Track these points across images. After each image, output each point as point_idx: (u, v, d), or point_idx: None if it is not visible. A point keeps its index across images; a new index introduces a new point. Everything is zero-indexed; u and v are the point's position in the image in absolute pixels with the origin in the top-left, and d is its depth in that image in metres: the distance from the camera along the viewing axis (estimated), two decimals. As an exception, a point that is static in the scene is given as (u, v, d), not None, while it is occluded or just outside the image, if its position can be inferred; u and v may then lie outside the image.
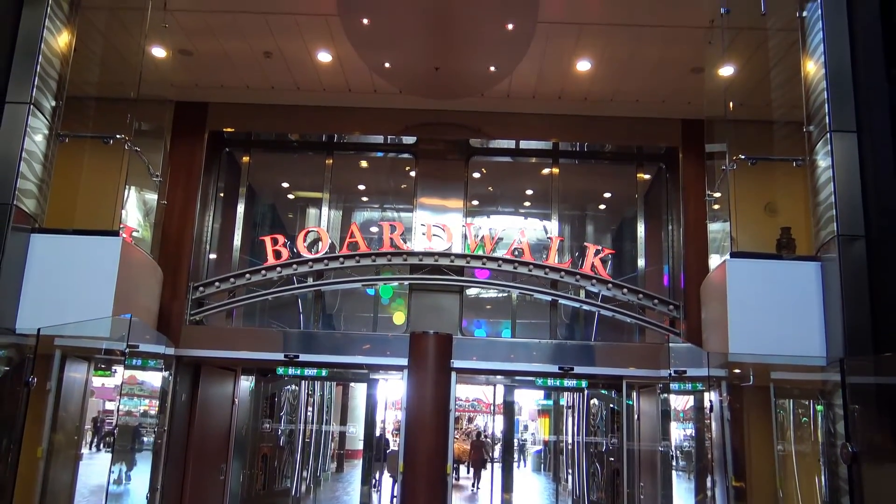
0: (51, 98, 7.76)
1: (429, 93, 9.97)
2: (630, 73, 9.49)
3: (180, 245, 10.26)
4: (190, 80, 10.21)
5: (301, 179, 12.24)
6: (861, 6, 7.23)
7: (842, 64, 7.23)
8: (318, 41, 9.09)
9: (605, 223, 12.41)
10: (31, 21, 7.62)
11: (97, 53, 9.04)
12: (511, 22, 8.25)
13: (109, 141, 8.13)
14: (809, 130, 7.57)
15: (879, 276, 6.66)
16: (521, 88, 10.03)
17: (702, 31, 8.47)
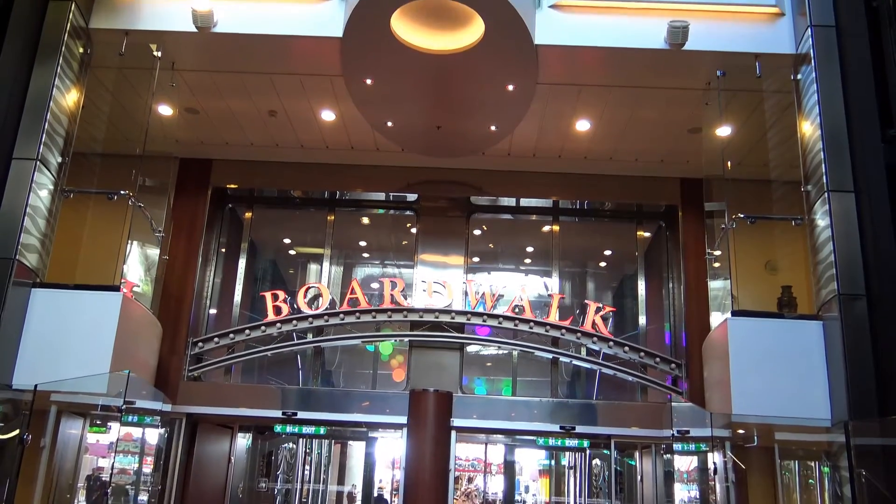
0: (57, 154, 7.87)
1: (430, 151, 10.09)
2: (629, 133, 9.63)
3: (181, 300, 10.25)
4: (195, 138, 10.35)
5: (303, 235, 12.29)
6: (853, 69, 7.39)
7: (837, 125, 7.35)
8: (322, 101, 9.25)
9: (605, 280, 12.40)
10: (41, 80, 7.79)
11: (104, 111, 9.20)
12: (511, 83, 8.41)
13: (114, 197, 8.21)
14: (807, 190, 7.65)
15: (882, 336, 6.64)
16: (522, 147, 10.16)
17: (699, 93, 8.62)
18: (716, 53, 8.05)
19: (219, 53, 8.49)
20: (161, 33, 8.23)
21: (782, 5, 8.12)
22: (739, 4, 8.10)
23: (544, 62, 8.21)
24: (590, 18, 8.11)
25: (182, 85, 8.98)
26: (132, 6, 8.34)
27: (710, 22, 8.05)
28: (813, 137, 7.51)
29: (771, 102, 8.55)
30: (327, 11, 8.14)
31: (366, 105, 9.00)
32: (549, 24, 8.07)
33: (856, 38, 7.45)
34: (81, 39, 8.22)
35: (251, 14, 8.17)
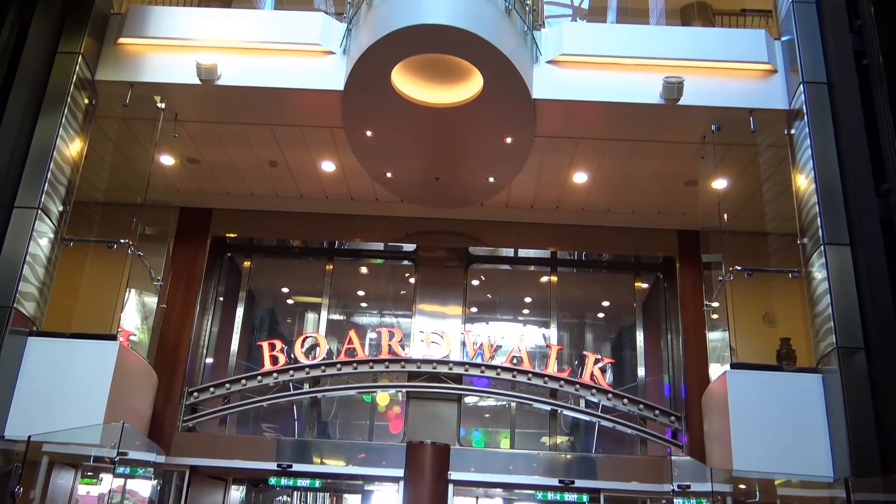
0: (59, 203, 7.92)
1: (429, 202, 10.17)
2: (626, 185, 9.72)
3: (177, 349, 10.19)
4: (196, 187, 10.43)
5: (301, 285, 12.29)
6: (846, 125, 7.50)
7: (831, 179, 7.43)
8: (323, 152, 9.36)
9: (604, 332, 12.37)
10: (46, 130, 7.89)
11: (107, 160, 9.29)
12: (510, 136, 8.52)
13: (113, 246, 8.24)
14: (803, 243, 7.70)
15: (882, 390, 6.60)
16: (520, 199, 10.25)
17: (695, 147, 8.74)
18: (710, 108, 8.20)
19: (221, 105, 8.62)
20: (165, 85, 8.38)
21: (775, 62, 8.29)
22: (733, 61, 8.28)
23: (542, 116, 8.34)
24: (586, 74, 8.27)
25: (184, 135, 9.10)
26: (137, 59, 8.50)
27: (705, 78, 8.21)
28: (808, 191, 7.59)
29: (766, 156, 8.66)
30: (329, 65, 8.30)
31: (366, 156, 9.11)
32: (547, 79, 8.23)
33: (847, 94, 7.58)
34: (87, 91, 8.36)
35: (254, 67, 8.34)
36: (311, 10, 9.81)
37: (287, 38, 8.42)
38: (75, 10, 8.28)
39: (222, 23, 8.63)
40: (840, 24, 7.80)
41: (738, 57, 8.30)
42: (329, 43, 8.37)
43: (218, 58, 8.17)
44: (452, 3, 7.53)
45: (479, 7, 7.64)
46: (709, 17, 10.35)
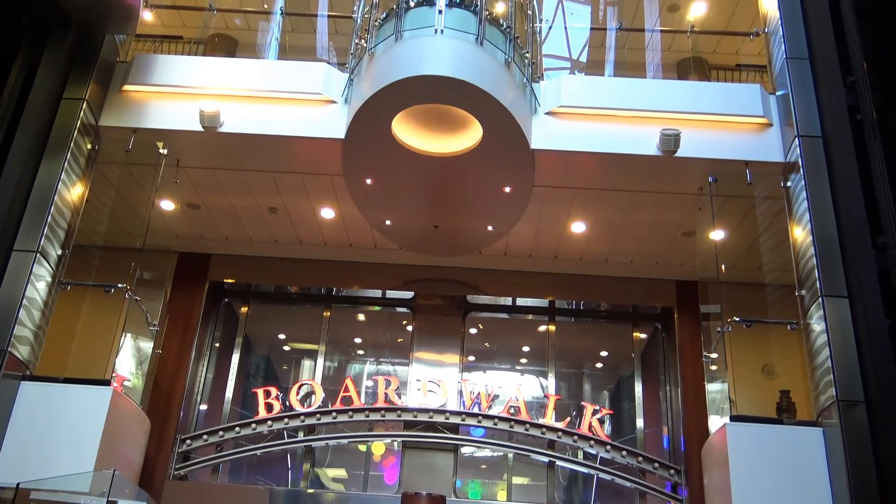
0: (57, 247, 7.93)
1: (428, 250, 10.20)
2: (623, 235, 9.76)
3: (171, 395, 10.09)
4: (195, 232, 10.46)
5: (298, 331, 12.24)
6: (841, 178, 7.57)
7: (828, 231, 7.46)
8: (323, 199, 9.42)
9: (602, 382, 12.27)
10: (48, 174, 7.93)
11: (107, 205, 9.33)
12: (509, 186, 8.59)
13: (111, 290, 8.23)
14: (801, 295, 7.69)
15: (884, 444, 6.52)
16: (518, 247, 10.28)
17: (692, 198, 8.80)
18: (707, 160, 8.28)
19: (223, 152, 8.70)
20: (168, 131, 8.48)
21: (770, 116, 8.41)
22: (729, 115, 8.40)
23: (541, 166, 8.42)
24: (584, 125, 8.38)
25: (185, 181, 9.16)
26: (141, 105, 8.61)
27: (702, 130, 8.32)
28: (805, 243, 7.62)
29: (763, 208, 8.73)
30: (330, 114, 8.41)
31: (365, 204, 9.16)
32: (546, 130, 8.34)
33: (842, 148, 7.65)
34: (90, 136, 8.44)
35: (256, 115, 8.44)
36: (314, 60, 9.99)
37: (290, 87, 8.55)
38: (82, 58, 8.41)
39: (226, 72, 8.77)
40: (833, 80, 7.92)
41: (734, 110, 8.43)
42: (331, 92, 8.50)
43: (221, 105, 8.28)
44: (453, 55, 7.67)
45: (480, 59, 7.79)
46: (705, 72, 10.55)
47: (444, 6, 7.97)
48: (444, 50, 7.74)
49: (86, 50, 8.45)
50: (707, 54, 10.80)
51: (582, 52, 11.35)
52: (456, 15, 7.99)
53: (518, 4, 8.90)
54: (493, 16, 8.30)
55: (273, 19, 10.63)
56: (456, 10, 8.04)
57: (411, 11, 8.08)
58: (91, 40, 8.49)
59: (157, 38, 10.65)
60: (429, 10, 8.00)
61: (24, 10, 8.17)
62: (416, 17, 8.00)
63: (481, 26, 7.96)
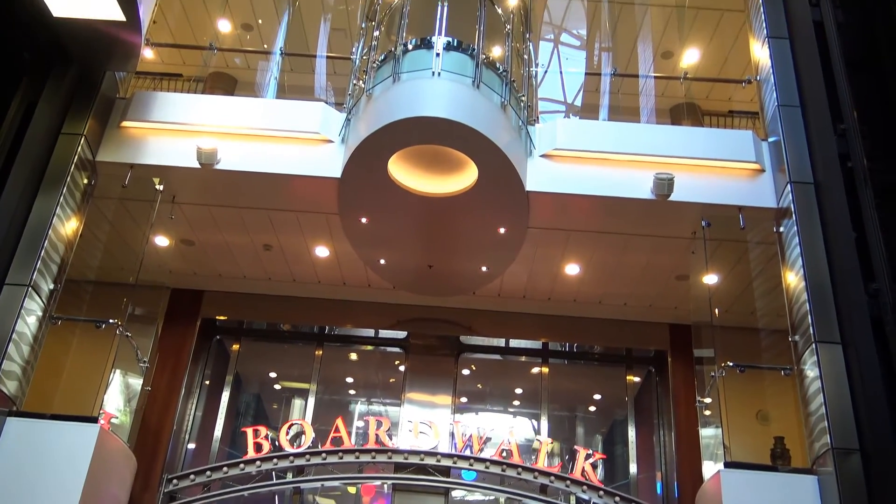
0: (50, 281, 7.88)
1: (421, 289, 10.18)
2: (617, 278, 9.78)
3: (159, 433, 9.95)
4: (188, 268, 10.44)
5: (289, 370, 12.14)
6: (833, 224, 7.61)
7: (821, 277, 7.49)
8: (318, 237, 9.43)
9: (595, 425, 12.17)
10: (43, 208, 7.90)
11: (101, 240, 9.31)
12: (503, 227, 8.62)
13: (101, 325, 8.16)
14: (795, 340, 7.68)
15: (880, 492, 6.45)
16: (512, 288, 10.27)
17: (685, 241, 8.84)
18: (701, 205, 8.34)
19: (219, 189, 8.73)
20: (165, 168, 8.50)
21: (763, 162, 8.50)
22: (722, 160, 8.48)
23: (535, 208, 8.47)
24: (579, 168, 8.45)
25: (180, 217, 9.17)
26: (139, 141, 8.65)
27: (695, 175, 8.39)
28: (798, 289, 7.64)
29: (756, 253, 8.76)
30: (327, 153, 8.47)
31: (360, 243, 9.17)
32: (541, 172, 8.40)
33: (834, 195, 7.72)
34: (87, 171, 8.46)
35: (254, 153, 8.49)
36: (312, 99, 10.08)
37: (287, 125, 8.61)
38: (82, 94, 8.46)
39: (224, 110, 8.84)
40: (824, 128, 8.03)
41: (726, 156, 8.51)
42: (328, 131, 8.57)
43: (218, 143, 8.32)
44: (450, 97, 7.77)
45: (476, 102, 7.88)
46: (697, 117, 10.69)
47: (442, 49, 8.10)
48: (441, 92, 7.83)
49: (86, 86, 8.51)
50: (700, 100, 10.97)
51: (577, 96, 11.51)
52: (453, 58, 8.11)
53: (514, 49, 9.05)
54: (490, 59, 8.43)
55: (272, 59, 10.77)
56: (453, 53, 8.17)
57: (409, 54, 8.20)
58: (91, 77, 8.56)
59: (157, 75, 10.78)
60: (426, 53, 8.13)
61: (26, 47, 8.25)
62: (413, 59, 8.12)
63: (478, 70, 8.08)
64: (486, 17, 8.82)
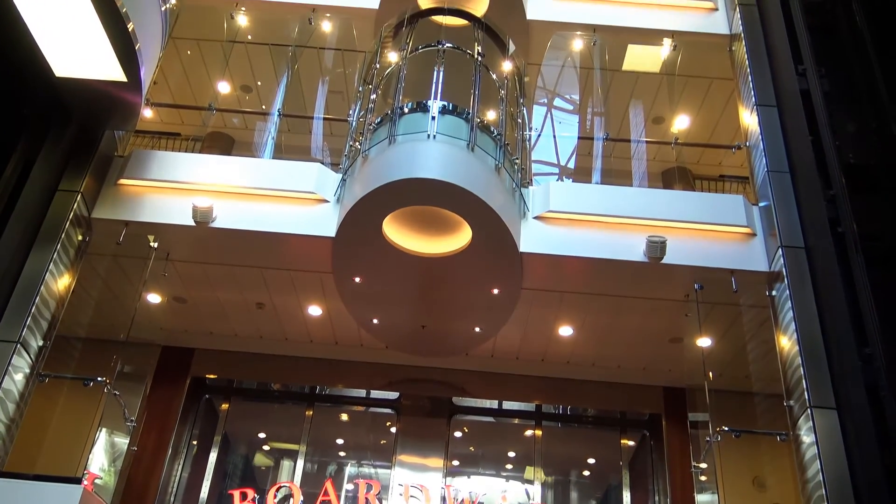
0: (39, 338, 7.81)
1: (414, 350, 10.12)
2: (610, 340, 9.75)
3: (144, 495, 9.70)
4: (180, 326, 10.36)
5: (278, 430, 11.94)
6: (825, 290, 7.65)
7: (814, 342, 7.47)
8: (311, 296, 9.41)
9: (589, 490, 11.95)
10: (36, 264, 7.88)
11: (93, 296, 9.27)
12: (497, 288, 8.63)
13: (89, 383, 8.05)
14: (790, 405, 7.63)
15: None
16: (505, 350, 10.22)
17: (678, 304, 8.84)
18: (693, 268, 8.37)
19: (214, 247, 8.74)
20: (160, 225, 8.52)
21: (754, 226, 8.58)
22: (713, 224, 8.56)
23: (529, 269, 8.49)
24: (572, 230, 8.51)
25: (173, 274, 9.15)
26: (135, 199, 8.70)
27: (687, 238, 8.45)
28: (791, 353, 7.62)
29: (749, 316, 8.77)
30: (322, 213, 8.52)
31: (353, 302, 9.15)
32: (534, 234, 8.46)
33: (825, 259, 7.78)
34: (82, 227, 8.47)
35: (249, 212, 8.53)
36: (309, 159, 10.19)
37: (283, 185, 8.68)
38: (80, 151, 8.53)
39: (221, 169, 8.93)
40: (814, 193, 8.14)
41: (718, 220, 8.59)
42: (323, 191, 8.64)
43: (214, 201, 8.37)
44: (445, 160, 7.87)
45: (471, 164, 7.99)
46: (689, 181, 10.85)
47: (438, 113, 8.25)
48: (436, 154, 7.94)
49: (84, 144, 8.59)
50: (691, 164, 11.16)
51: (570, 159, 11.68)
52: (448, 121, 8.25)
53: (508, 113, 9.22)
54: (485, 123, 8.58)
55: (270, 120, 10.93)
56: (448, 116, 8.31)
57: (405, 117, 8.34)
58: (90, 135, 8.65)
59: (156, 134, 10.91)
60: (422, 116, 8.27)
61: (27, 104, 8.36)
62: (409, 122, 8.25)
63: (472, 133, 8.21)
64: (481, 82, 9.02)
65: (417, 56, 9.22)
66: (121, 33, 7.39)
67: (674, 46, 10.29)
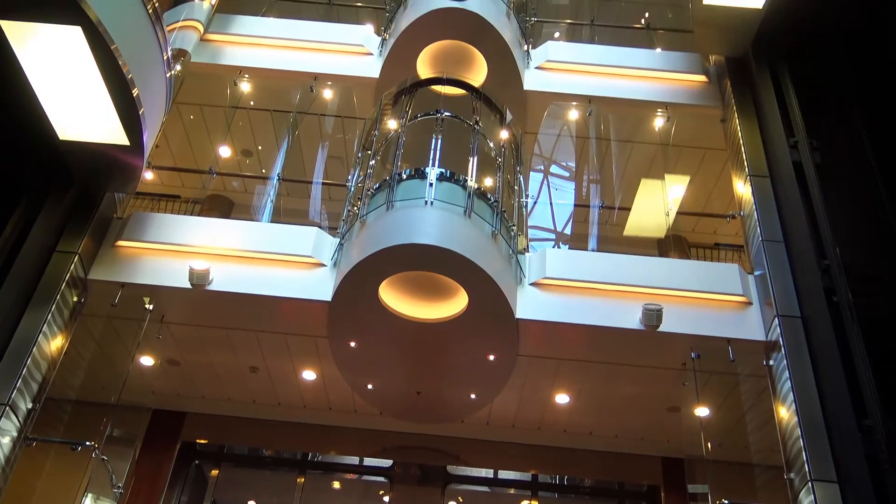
0: (29, 400, 7.69)
1: (409, 416, 9.99)
2: (607, 408, 9.64)
3: (127, 565, 9.44)
4: (172, 389, 10.25)
5: (269, 498, 11.68)
6: (823, 359, 7.59)
7: (813, 413, 7.38)
8: (305, 361, 9.34)
9: (587, 565, 11.64)
10: (30, 325, 7.82)
11: (85, 358, 9.19)
12: (493, 354, 8.58)
13: (78, 448, 7.90)
14: (791, 478, 7.49)
15: None
16: (501, 417, 10.09)
17: (675, 373, 8.78)
18: (690, 336, 8.33)
19: (209, 309, 8.71)
20: (156, 288, 8.49)
21: (749, 295, 8.58)
22: (709, 292, 8.56)
23: (525, 335, 8.46)
24: (568, 297, 8.50)
25: (168, 337, 9.09)
26: (132, 261, 8.70)
27: (683, 307, 8.44)
28: (790, 424, 7.53)
29: (747, 386, 8.70)
30: (319, 277, 8.52)
31: (347, 367, 9.07)
32: (530, 301, 8.44)
33: (821, 329, 7.75)
34: (78, 289, 8.45)
35: (245, 275, 8.52)
36: (307, 223, 10.26)
37: (281, 248, 8.70)
38: (79, 213, 8.56)
39: (219, 232, 8.95)
40: (808, 262, 8.16)
41: (714, 288, 8.59)
42: (321, 255, 8.67)
43: (211, 264, 8.38)
44: (442, 226, 7.93)
45: (467, 231, 8.04)
46: (684, 250, 10.90)
47: (435, 179, 8.35)
48: (433, 220, 8.01)
49: (84, 205, 8.63)
50: (686, 233, 11.24)
51: (566, 226, 11.78)
52: (445, 188, 8.35)
53: (505, 180, 9.34)
54: (481, 190, 8.68)
55: (270, 184, 11.05)
56: (446, 183, 8.41)
57: (403, 183, 8.44)
58: (91, 197, 8.70)
59: (156, 196, 11.01)
60: (420, 183, 8.36)
61: (29, 166, 8.45)
62: (407, 188, 8.34)
63: (469, 199, 8.29)
64: (479, 150, 9.16)
65: (416, 124, 9.39)
66: (125, 98, 7.53)
67: (667, 117, 10.49)
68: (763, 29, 9.71)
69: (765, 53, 9.80)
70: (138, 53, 7.56)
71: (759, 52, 9.84)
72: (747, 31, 9.84)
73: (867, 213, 8.80)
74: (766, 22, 9.62)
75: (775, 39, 9.70)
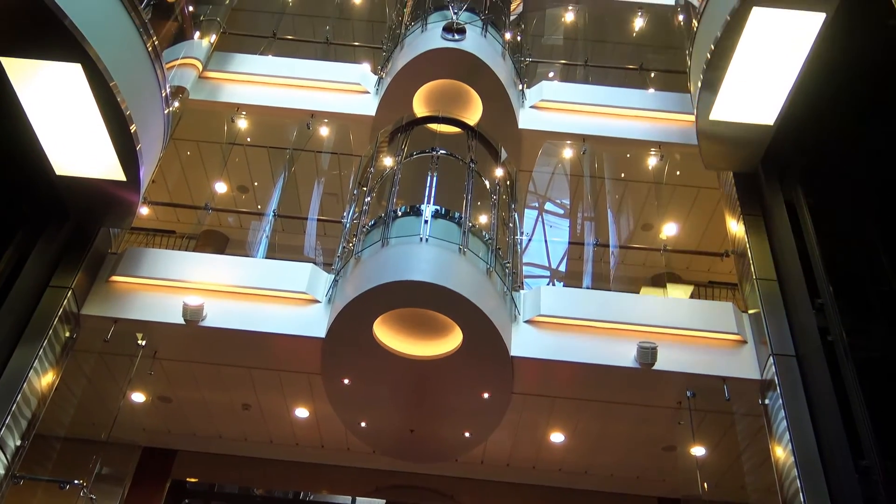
0: (17, 437, 7.59)
1: (402, 455, 9.88)
2: (602, 447, 9.56)
3: None
4: (163, 426, 10.13)
5: (259, 538, 11.51)
6: (818, 398, 7.56)
7: (809, 453, 7.32)
8: (298, 398, 9.27)
9: None
10: (21, 360, 7.73)
11: (76, 394, 9.10)
12: (487, 392, 8.53)
13: (66, 486, 7.78)
14: (789, 521, 7.41)
15: None
16: (496, 456, 9.99)
17: (671, 411, 8.73)
18: (685, 375, 8.29)
19: (203, 345, 8.66)
20: (149, 323, 8.45)
21: (744, 334, 8.56)
22: (704, 331, 8.55)
23: (519, 373, 8.42)
24: (563, 335, 8.48)
25: (160, 373, 9.01)
26: (125, 296, 8.65)
27: (678, 345, 8.42)
28: (787, 464, 7.46)
29: (742, 425, 8.64)
30: (313, 313, 8.50)
31: (341, 404, 9.00)
32: (525, 338, 8.43)
33: (816, 368, 7.72)
34: (70, 324, 8.38)
35: (239, 311, 8.49)
36: (301, 259, 10.25)
37: (275, 284, 8.68)
38: (74, 248, 8.53)
39: (213, 268, 8.93)
40: (802, 302, 8.16)
41: (708, 327, 8.58)
42: (315, 292, 8.64)
43: (205, 300, 8.34)
44: (437, 263, 7.94)
45: (462, 268, 8.05)
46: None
47: (430, 216, 8.38)
48: (428, 257, 8.02)
49: (79, 240, 8.61)
50: (680, 270, 11.27)
51: (561, 263, 11.79)
52: (440, 225, 8.38)
53: (500, 217, 9.38)
54: (476, 227, 8.71)
55: (265, 220, 11.07)
56: (441, 220, 8.44)
57: (398, 220, 8.47)
58: (86, 232, 8.68)
59: (151, 231, 11.02)
60: (415, 220, 8.39)
61: (26, 201, 8.46)
62: (402, 225, 8.37)
63: (464, 237, 8.32)
64: (474, 187, 9.21)
65: (412, 161, 9.46)
66: (123, 134, 7.58)
67: (661, 156, 10.58)
68: (773, 146, 9.07)
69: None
70: (137, 90, 7.63)
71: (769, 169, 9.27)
72: (757, 148, 9.15)
73: (859, 253, 8.82)
74: (776, 139, 8.99)
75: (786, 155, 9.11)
